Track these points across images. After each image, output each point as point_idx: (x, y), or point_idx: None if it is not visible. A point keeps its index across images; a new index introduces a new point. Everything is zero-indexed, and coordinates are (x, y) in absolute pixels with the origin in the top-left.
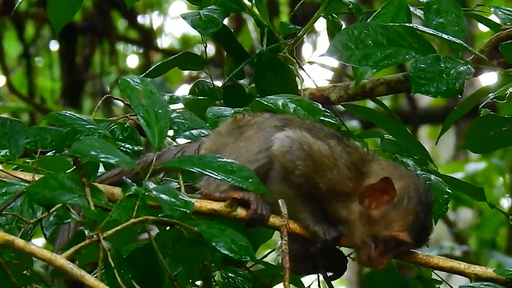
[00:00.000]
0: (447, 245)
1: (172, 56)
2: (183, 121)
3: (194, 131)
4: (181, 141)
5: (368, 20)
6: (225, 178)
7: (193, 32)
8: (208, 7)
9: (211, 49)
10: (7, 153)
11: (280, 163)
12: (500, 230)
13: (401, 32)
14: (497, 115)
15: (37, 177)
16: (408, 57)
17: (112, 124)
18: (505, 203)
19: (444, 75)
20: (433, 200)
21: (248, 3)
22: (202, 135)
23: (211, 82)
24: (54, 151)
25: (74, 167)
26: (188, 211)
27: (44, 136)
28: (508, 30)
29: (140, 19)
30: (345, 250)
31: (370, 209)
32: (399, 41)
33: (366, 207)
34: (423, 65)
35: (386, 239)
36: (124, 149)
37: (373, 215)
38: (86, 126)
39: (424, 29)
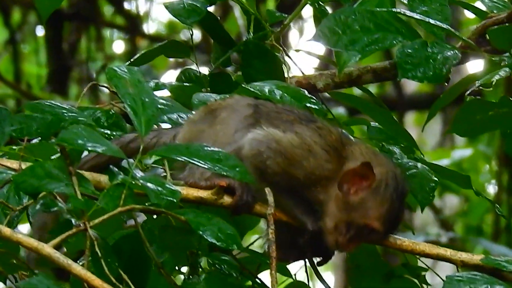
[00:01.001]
0: (433, 232)
1: (158, 44)
2: (161, 106)
3: (173, 115)
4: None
5: (354, 5)
6: (212, 167)
7: None
8: None
9: (197, 35)
10: None
11: (253, 166)
12: (486, 217)
13: (388, 17)
14: (484, 100)
15: (23, 165)
16: (395, 42)
17: (97, 112)
18: (491, 189)
19: (431, 60)
20: (408, 189)
21: None
22: (181, 119)
23: (197, 69)
24: (40, 138)
25: (60, 154)
26: (174, 200)
27: (30, 123)
28: (495, 18)
29: (126, 5)
30: None
31: (348, 194)
32: (386, 26)
33: (345, 193)
34: (410, 50)
35: (360, 226)
36: (109, 137)
37: (351, 201)
38: (68, 114)
39: (411, 14)
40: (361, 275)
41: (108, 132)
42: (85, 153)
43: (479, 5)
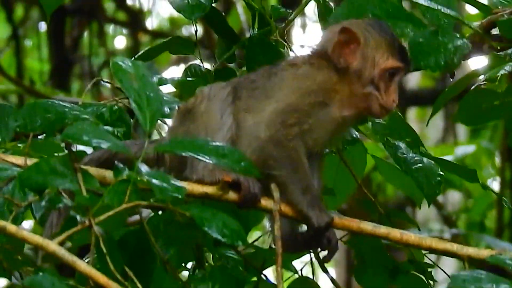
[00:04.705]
0: (436, 228)
1: (162, 41)
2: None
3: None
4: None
5: None
6: (218, 162)
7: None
8: None
9: (199, 30)
10: None
11: (273, 144)
12: (488, 213)
13: (399, 5)
14: (490, 89)
15: (28, 162)
16: (406, 30)
17: (100, 107)
18: (492, 184)
19: (442, 49)
20: (389, 26)
21: None
22: None
23: (202, 65)
24: (45, 134)
25: (66, 151)
26: (180, 196)
27: (34, 119)
28: (500, 13)
29: (128, 0)
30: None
31: (349, 64)
32: (396, 14)
33: (346, 67)
34: (421, 39)
35: (380, 75)
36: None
37: (355, 67)
38: (71, 113)
39: (422, 1)
40: (367, 271)
41: (111, 128)
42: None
43: (482, 0)
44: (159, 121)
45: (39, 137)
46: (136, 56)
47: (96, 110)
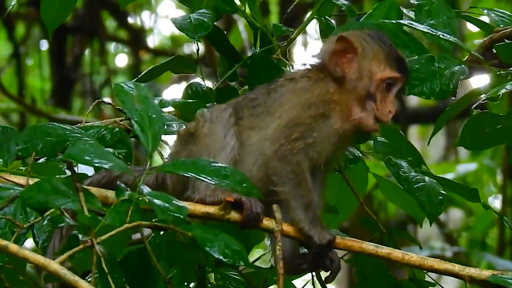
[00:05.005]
0: (437, 246)
1: (164, 60)
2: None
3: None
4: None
5: (360, 20)
6: (220, 183)
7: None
8: (199, 11)
9: (201, 48)
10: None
11: (277, 160)
12: (489, 231)
13: (395, 30)
14: (492, 113)
15: (30, 181)
16: None
17: (101, 129)
18: (494, 202)
19: (438, 76)
20: (388, 36)
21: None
22: None
23: (203, 84)
24: (46, 157)
25: (68, 173)
26: (181, 216)
27: (35, 142)
28: (501, 32)
29: (130, 18)
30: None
31: (345, 73)
32: (393, 39)
33: (340, 74)
34: (416, 66)
35: (376, 86)
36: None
37: (351, 76)
38: (72, 135)
39: (418, 26)
40: None
41: (112, 150)
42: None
43: (484, 18)
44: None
45: (40, 160)
46: (139, 76)
47: (97, 132)
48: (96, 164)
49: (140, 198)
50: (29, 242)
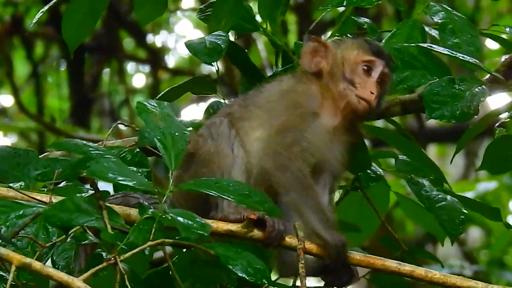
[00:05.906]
0: (456, 264)
1: (183, 81)
2: None
3: None
4: None
5: (383, 41)
6: (242, 202)
7: None
8: (214, 33)
9: (220, 66)
10: (21, 186)
11: (277, 169)
12: (509, 249)
13: (415, 53)
14: None
15: (54, 199)
16: (423, 80)
17: (122, 151)
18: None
19: (459, 98)
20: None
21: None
22: None
23: (224, 103)
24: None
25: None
26: (205, 234)
27: (54, 166)
28: None
29: (148, 38)
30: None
31: (320, 67)
32: (413, 62)
33: (315, 69)
34: (437, 89)
35: (351, 70)
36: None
37: (327, 68)
38: (95, 152)
39: (439, 48)
40: None
41: (134, 169)
42: None
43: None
44: None
45: (60, 184)
46: (158, 97)
47: (119, 152)
48: (120, 182)
49: (163, 216)
50: (49, 263)
